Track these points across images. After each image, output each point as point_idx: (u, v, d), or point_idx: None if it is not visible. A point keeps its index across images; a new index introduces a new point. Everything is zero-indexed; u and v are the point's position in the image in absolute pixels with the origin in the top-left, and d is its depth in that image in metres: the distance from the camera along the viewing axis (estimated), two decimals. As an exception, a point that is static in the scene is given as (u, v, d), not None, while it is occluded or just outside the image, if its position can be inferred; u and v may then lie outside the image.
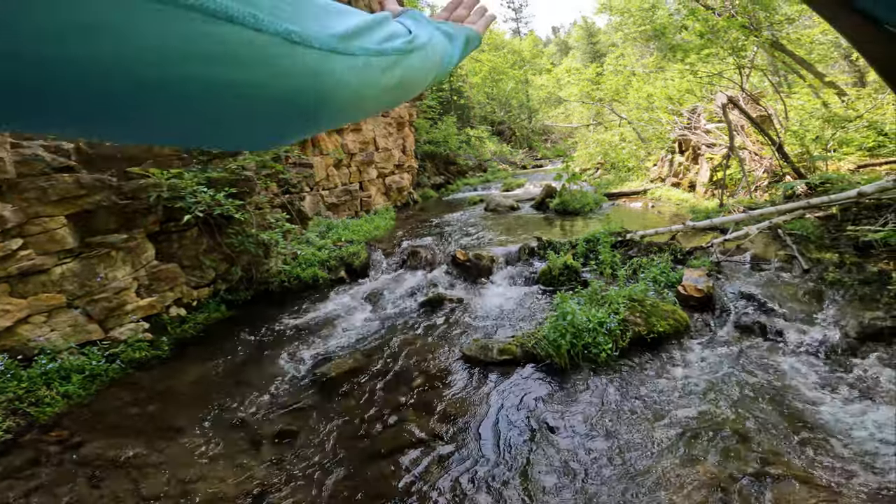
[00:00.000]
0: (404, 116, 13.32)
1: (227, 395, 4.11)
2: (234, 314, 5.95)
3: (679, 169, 11.25)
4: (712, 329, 4.71)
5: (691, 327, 4.72)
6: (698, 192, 9.99)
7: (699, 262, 6.00)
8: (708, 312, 4.98)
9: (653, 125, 12.97)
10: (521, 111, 31.88)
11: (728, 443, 3.07)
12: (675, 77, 12.53)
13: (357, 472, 3.10)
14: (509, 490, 2.86)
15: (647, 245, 6.72)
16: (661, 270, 5.61)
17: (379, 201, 11.84)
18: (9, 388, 3.88)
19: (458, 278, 6.80)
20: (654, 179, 12.26)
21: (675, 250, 6.44)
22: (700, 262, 5.99)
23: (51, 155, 4.34)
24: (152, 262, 5.23)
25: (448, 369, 4.38)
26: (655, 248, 6.56)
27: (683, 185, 10.81)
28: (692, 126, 10.66)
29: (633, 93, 14.82)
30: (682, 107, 11.76)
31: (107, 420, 3.79)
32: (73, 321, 4.48)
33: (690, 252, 6.46)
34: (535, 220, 10.13)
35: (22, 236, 4.18)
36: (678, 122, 11.46)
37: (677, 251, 6.42)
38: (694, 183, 10.38)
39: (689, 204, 9.53)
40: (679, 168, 11.26)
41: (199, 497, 2.88)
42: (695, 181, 10.36)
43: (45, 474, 3.16)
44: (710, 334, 4.62)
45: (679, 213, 9.22)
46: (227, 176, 5.48)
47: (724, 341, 4.45)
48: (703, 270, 5.58)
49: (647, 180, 12.46)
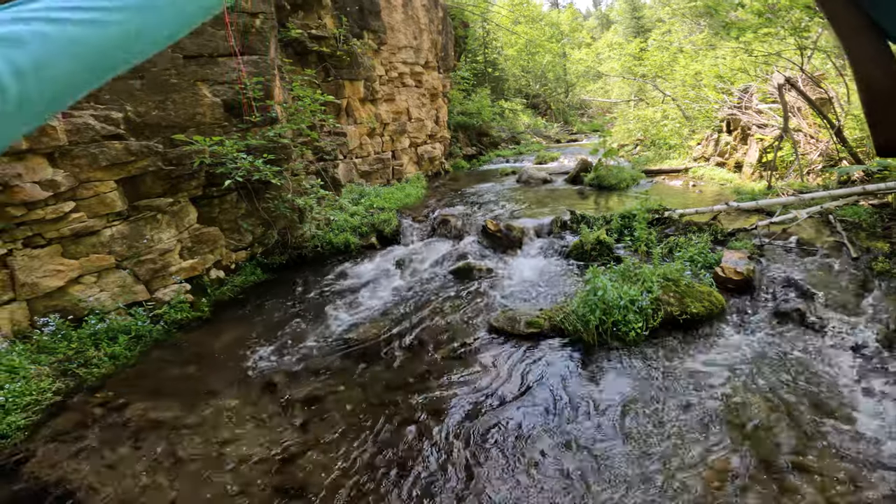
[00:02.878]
0: (437, 87, 13.14)
1: (259, 357, 4.27)
2: (269, 277, 6.16)
3: (725, 149, 10.90)
4: (749, 314, 4.56)
5: (727, 311, 4.58)
6: (745, 173, 9.66)
7: (741, 243, 5.77)
8: (746, 296, 4.81)
9: (699, 103, 12.42)
10: (557, 85, 30.91)
11: (753, 431, 3.01)
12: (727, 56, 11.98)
13: (381, 439, 3.18)
14: (528, 464, 2.90)
15: (686, 224, 6.50)
16: (699, 250, 5.43)
17: (411, 170, 11.86)
18: (59, 349, 4.02)
19: (487, 248, 6.80)
20: (698, 158, 11.90)
21: (716, 231, 6.20)
22: (742, 243, 5.76)
23: (100, 123, 4.52)
24: (195, 226, 5.46)
25: (474, 339, 4.43)
26: (694, 228, 6.33)
27: (729, 165, 10.49)
28: (743, 106, 10.26)
29: (680, 70, 14.24)
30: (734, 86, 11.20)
31: (149, 382, 3.92)
32: (121, 282, 4.75)
33: (732, 233, 6.21)
34: (569, 193, 9.93)
35: (74, 199, 4.41)
36: (728, 101, 11.05)
37: (718, 232, 6.19)
38: (741, 163, 10.05)
39: (734, 184, 9.24)
40: (725, 148, 10.92)
41: (231, 460, 3.00)
42: (742, 162, 10.04)
43: (90, 437, 3.27)
44: (747, 319, 4.47)
45: (722, 193, 8.85)
46: (265, 143, 5.59)
47: (760, 327, 4.30)
48: (745, 253, 5.37)
49: (690, 159, 12.12)
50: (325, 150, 7.91)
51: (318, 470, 2.89)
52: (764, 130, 9.44)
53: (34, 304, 4.24)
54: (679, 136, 13.39)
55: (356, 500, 2.68)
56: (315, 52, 8.31)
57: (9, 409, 3.35)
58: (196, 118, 5.31)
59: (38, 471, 2.91)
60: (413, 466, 2.91)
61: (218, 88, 5.47)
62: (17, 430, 3.25)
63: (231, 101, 5.52)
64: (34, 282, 4.16)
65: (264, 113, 5.69)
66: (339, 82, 8.94)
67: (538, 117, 26.58)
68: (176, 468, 2.93)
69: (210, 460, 3.00)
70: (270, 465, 2.95)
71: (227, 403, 3.59)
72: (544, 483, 2.73)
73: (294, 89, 6.82)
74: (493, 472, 2.85)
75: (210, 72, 5.41)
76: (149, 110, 5.00)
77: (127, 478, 2.85)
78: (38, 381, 3.63)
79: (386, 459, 2.98)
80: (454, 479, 2.80)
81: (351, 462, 2.97)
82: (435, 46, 12.69)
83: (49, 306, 4.27)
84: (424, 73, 12.24)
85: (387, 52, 10.61)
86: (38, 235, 4.23)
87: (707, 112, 11.94)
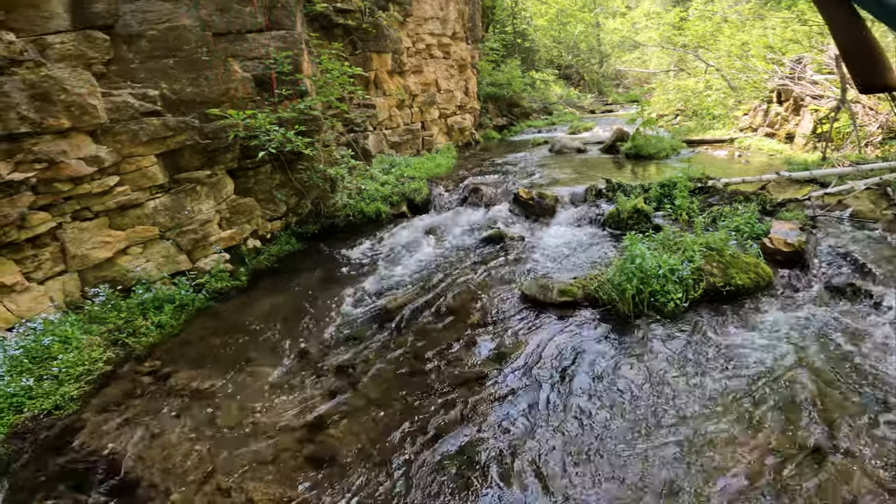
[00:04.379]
0: (466, 58, 12.91)
1: (293, 325, 4.36)
2: (303, 247, 6.29)
3: (776, 119, 10.50)
4: (798, 288, 4.32)
5: (774, 284, 4.35)
6: (797, 144, 9.28)
7: (791, 214, 5.45)
8: (796, 269, 4.57)
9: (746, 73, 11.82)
10: (590, 55, 29.73)
11: (795, 411, 2.88)
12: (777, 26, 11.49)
13: (409, 408, 3.20)
14: (559, 435, 2.86)
15: (732, 193, 6.18)
16: (745, 220, 5.16)
17: (441, 141, 11.78)
18: (109, 319, 4.17)
19: (519, 216, 6.69)
20: (744, 129, 11.50)
21: (764, 201, 5.88)
22: (793, 214, 5.44)
23: (138, 101, 4.64)
24: (232, 197, 5.63)
25: (505, 307, 4.39)
26: (741, 198, 6.02)
27: (779, 136, 10.10)
28: (796, 76, 9.83)
29: (725, 40, 13.62)
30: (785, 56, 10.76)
31: (192, 350, 4.05)
32: (165, 252, 4.95)
33: (782, 203, 5.87)
34: (604, 162, 9.65)
35: (118, 174, 4.59)
36: (779, 71, 10.59)
37: (766, 202, 5.86)
38: (792, 134, 9.68)
39: (785, 155, 8.88)
40: (776, 118, 10.51)
41: (265, 428, 3.09)
42: (793, 133, 9.66)
43: (137, 406, 3.33)
44: (795, 293, 4.25)
45: (771, 163, 8.43)
46: (296, 115, 5.64)
47: (809, 302, 4.08)
48: (795, 224, 5.07)
49: (735, 129, 11.68)
50: (354, 122, 7.89)
51: (347, 439, 2.93)
52: (819, 101, 9.07)
53: (85, 275, 4.47)
54: (724, 107, 12.90)
55: (383, 469, 2.71)
56: (341, 26, 8.24)
57: (62, 379, 3.45)
58: (229, 93, 5.38)
59: (89, 442, 3.00)
60: (443, 437, 2.89)
61: (248, 64, 5.53)
62: (70, 400, 3.33)
63: (261, 75, 5.58)
64: (84, 253, 4.37)
65: (294, 86, 5.71)
66: (367, 55, 8.84)
67: (571, 88, 25.67)
68: (214, 437, 3.02)
69: (246, 428, 3.09)
70: (302, 433, 3.01)
71: (262, 371, 3.68)
72: (580, 459, 2.69)
73: (322, 63, 6.79)
74: (524, 446, 2.80)
75: (239, 48, 5.47)
76: (183, 87, 5.09)
77: (169, 447, 2.94)
78: (89, 351, 3.75)
79: (414, 430, 2.98)
80: (484, 454, 2.76)
81: (380, 432, 2.99)
82: (462, 17, 12.35)
83: (99, 277, 4.50)
84: (452, 44, 12.00)
85: (413, 23, 10.42)
86: (85, 209, 4.43)
87: (755, 82, 11.51)
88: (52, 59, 4.08)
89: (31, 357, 3.53)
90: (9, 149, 3.79)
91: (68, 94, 4.04)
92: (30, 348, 3.56)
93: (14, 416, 3.14)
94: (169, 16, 4.91)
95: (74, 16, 4.21)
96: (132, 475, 2.73)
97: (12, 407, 3.20)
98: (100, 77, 4.43)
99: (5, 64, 3.71)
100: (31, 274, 4.09)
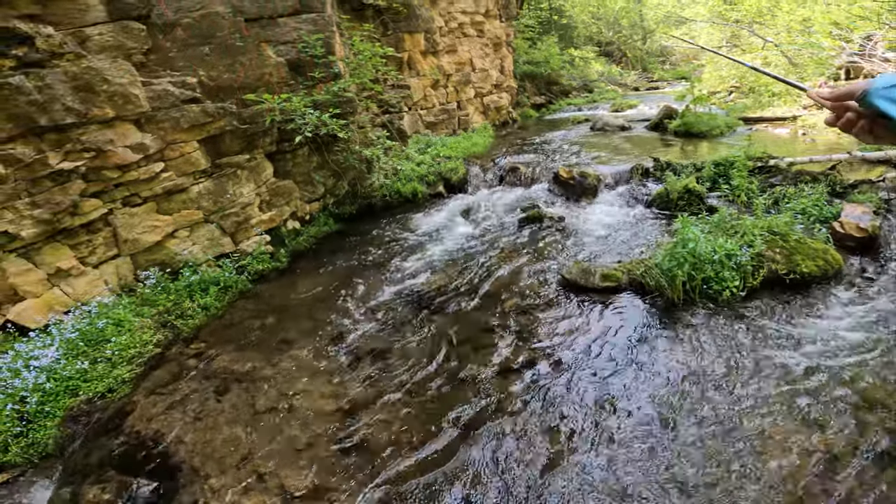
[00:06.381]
0: (500, 37, 12.55)
1: (330, 308, 4.37)
2: (340, 227, 6.34)
3: None
4: (871, 276, 3.93)
5: (844, 272, 3.97)
6: None
7: (864, 196, 4.94)
8: (869, 256, 4.17)
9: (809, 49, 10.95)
10: (633, 32, 28.32)
11: (857, 412, 2.61)
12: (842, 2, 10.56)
13: (443, 395, 3.12)
14: (598, 431, 2.70)
15: (796, 174, 5.66)
16: (813, 202, 4.72)
17: (477, 120, 11.58)
18: (159, 301, 4.29)
19: (559, 196, 6.45)
20: (809, 107, 10.53)
21: (834, 182, 5.35)
22: (866, 196, 4.93)
23: (178, 89, 4.72)
24: (271, 180, 5.73)
25: (543, 292, 4.23)
26: (807, 178, 5.51)
27: None
28: (867, 54, 9.17)
29: (784, 16, 12.66)
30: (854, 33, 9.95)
31: (235, 332, 4.12)
32: (209, 235, 5.10)
33: (854, 185, 5.33)
34: (650, 141, 9.13)
35: (163, 160, 4.72)
36: (847, 48, 9.86)
37: (836, 183, 5.33)
38: None
39: None
40: None
41: (301, 412, 3.09)
42: None
43: (183, 389, 3.35)
44: (868, 282, 3.86)
45: (839, 143, 7.68)
46: (331, 98, 5.65)
47: (883, 292, 3.70)
48: (869, 207, 4.60)
49: (799, 107, 10.77)
50: (389, 103, 7.81)
51: (380, 427, 2.89)
52: (893, 79, 8.22)
53: (137, 258, 4.66)
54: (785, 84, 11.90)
55: (413, 456, 2.65)
56: (371, 7, 8.12)
57: (115, 362, 3.54)
58: (264, 78, 5.41)
59: (138, 425, 3.06)
60: (478, 429, 2.80)
61: (281, 48, 5.54)
62: (122, 383, 3.41)
63: (295, 59, 5.59)
64: (135, 237, 4.54)
65: (327, 69, 5.69)
66: (399, 36, 8.69)
67: (612, 65, 24.55)
68: (253, 420, 3.05)
69: (282, 412, 3.10)
70: (336, 420, 2.99)
71: (300, 354, 3.70)
72: (619, 459, 2.53)
73: (354, 45, 6.71)
74: (562, 442, 2.67)
75: (272, 32, 5.48)
76: (220, 74, 5.13)
77: (209, 430, 2.99)
78: (141, 334, 3.84)
79: (448, 419, 2.89)
80: (518, 450, 2.64)
81: (412, 419, 2.93)
82: (494, -6, 11.92)
83: (150, 260, 4.68)
84: (485, 21, 11.64)
85: (444, 2, 10.19)
86: (134, 195, 4.59)
87: (820, 59, 10.74)
88: (92, 50, 4.16)
89: (87, 340, 3.64)
90: (57, 139, 3.93)
91: (110, 84, 4.13)
92: (85, 331, 3.67)
93: (70, 399, 3.23)
94: (202, 2, 4.93)
95: (110, 7, 4.27)
96: (175, 458, 2.79)
97: (68, 390, 3.29)
98: (139, 67, 4.51)
99: (46, 57, 3.80)
100: (86, 258, 4.28)
